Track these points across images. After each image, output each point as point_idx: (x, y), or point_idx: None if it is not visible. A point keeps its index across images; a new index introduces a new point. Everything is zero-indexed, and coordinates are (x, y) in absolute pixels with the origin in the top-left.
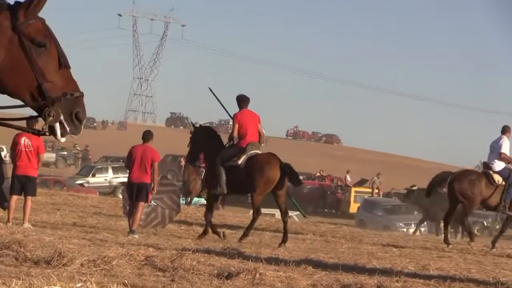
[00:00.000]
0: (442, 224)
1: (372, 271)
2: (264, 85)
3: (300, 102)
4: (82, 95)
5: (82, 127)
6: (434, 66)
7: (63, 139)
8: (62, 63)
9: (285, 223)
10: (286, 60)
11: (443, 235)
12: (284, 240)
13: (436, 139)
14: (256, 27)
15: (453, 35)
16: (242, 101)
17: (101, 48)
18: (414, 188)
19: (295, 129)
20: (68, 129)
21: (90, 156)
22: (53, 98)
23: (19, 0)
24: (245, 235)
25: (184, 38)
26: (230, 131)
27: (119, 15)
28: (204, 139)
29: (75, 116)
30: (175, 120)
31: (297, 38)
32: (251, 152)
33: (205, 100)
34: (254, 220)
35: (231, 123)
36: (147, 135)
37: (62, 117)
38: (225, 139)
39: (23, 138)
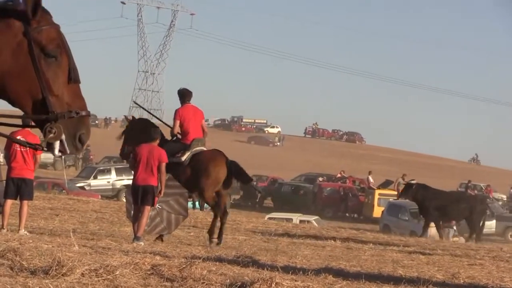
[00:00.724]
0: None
1: (397, 281)
2: (280, 78)
3: (320, 97)
4: (88, 114)
5: (84, 148)
6: (464, 61)
7: (59, 154)
8: (72, 78)
9: (222, 224)
10: (305, 52)
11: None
12: (219, 240)
13: (465, 137)
14: (273, 16)
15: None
16: (185, 95)
17: (103, 39)
18: (413, 182)
19: (314, 126)
20: (67, 150)
21: (91, 157)
22: (57, 114)
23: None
24: (211, 232)
25: (193, 27)
26: (243, 129)
27: (122, 2)
28: (138, 132)
29: (79, 138)
30: None
31: (315, 30)
32: (196, 148)
33: (216, 95)
34: (216, 216)
35: (244, 120)
36: (154, 134)
37: (63, 136)
38: (239, 137)
39: (18, 137)
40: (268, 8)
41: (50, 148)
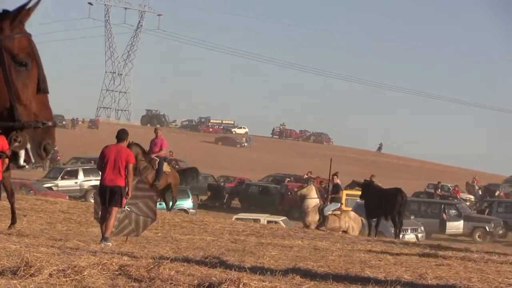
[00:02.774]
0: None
1: (365, 281)
2: (247, 78)
3: (287, 98)
4: (54, 125)
5: (48, 157)
6: (429, 60)
7: (23, 165)
8: (41, 88)
9: (11, 204)
10: (271, 52)
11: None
12: (12, 222)
13: (436, 137)
14: (239, 16)
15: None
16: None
17: (70, 40)
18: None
19: (281, 127)
20: (32, 159)
21: (59, 158)
22: (23, 123)
23: (7, 9)
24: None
25: (160, 28)
26: (211, 129)
27: (90, 3)
28: None
29: (44, 148)
30: (151, 118)
31: (282, 30)
32: None
33: (183, 96)
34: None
35: (212, 121)
36: (122, 134)
37: (28, 145)
38: (206, 138)
39: None
40: (235, 8)
41: (14, 157)
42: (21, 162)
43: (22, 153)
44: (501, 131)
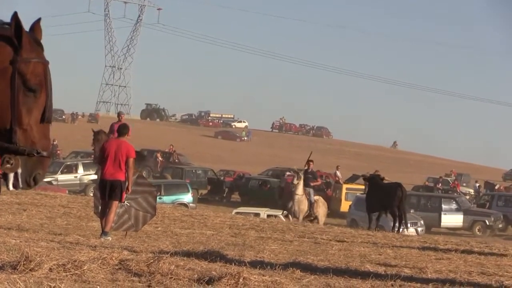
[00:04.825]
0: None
1: (365, 275)
2: (247, 73)
3: (287, 91)
4: (49, 156)
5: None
6: (430, 55)
7: (12, 189)
8: (45, 118)
9: None
10: (271, 46)
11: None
12: None
13: (436, 131)
14: (240, 10)
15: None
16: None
17: (69, 34)
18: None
19: (281, 121)
20: (21, 185)
21: (58, 152)
22: (18, 147)
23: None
24: None
25: (160, 22)
26: (211, 124)
27: None
28: None
29: (34, 177)
30: (151, 112)
31: (281, 24)
32: None
33: (183, 90)
34: None
35: (212, 115)
36: (122, 129)
37: (19, 170)
38: (206, 132)
39: None
40: (234, 2)
41: (4, 178)
42: (10, 186)
43: (11, 177)
44: (501, 125)
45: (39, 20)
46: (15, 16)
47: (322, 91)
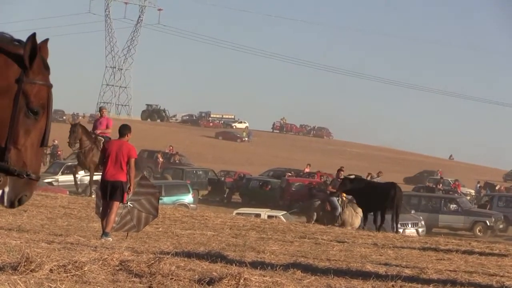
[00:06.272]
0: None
1: (366, 276)
2: (247, 74)
3: (288, 92)
4: (37, 179)
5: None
6: (430, 54)
7: None
8: (44, 142)
9: None
10: (272, 47)
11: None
12: None
13: (436, 131)
14: (238, 11)
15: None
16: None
17: (70, 35)
18: (351, 176)
19: (282, 121)
20: (5, 203)
21: (59, 153)
22: (9, 166)
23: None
24: None
25: (161, 23)
26: (211, 124)
27: None
28: None
29: (19, 199)
30: (151, 113)
31: (282, 24)
32: None
33: (184, 91)
34: None
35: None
36: (124, 130)
37: (7, 189)
38: (207, 132)
39: None
40: (235, 2)
41: None
42: None
43: None
44: (502, 125)
45: (46, 40)
46: (32, 37)
47: (322, 91)
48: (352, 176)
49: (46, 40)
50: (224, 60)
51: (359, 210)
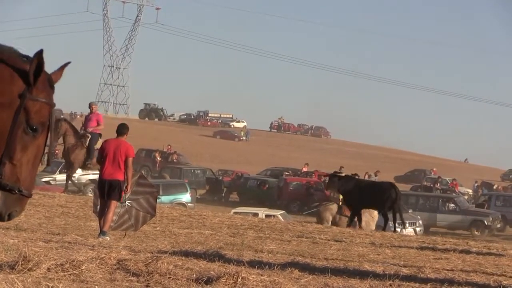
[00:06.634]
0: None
1: (363, 275)
2: (246, 72)
3: (286, 91)
4: (29, 196)
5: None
6: (428, 54)
7: None
8: (40, 160)
9: None
10: (269, 46)
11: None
12: None
13: (436, 131)
14: (236, 10)
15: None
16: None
17: (68, 33)
18: (339, 174)
19: (279, 121)
20: None
21: (57, 151)
22: (1, 181)
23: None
24: None
25: (158, 22)
26: (209, 123)
27: None
28: None
29: (9, 214)
30: (149, 112)
31: (281, 24)
32: None
33: (182, 90)
34: None
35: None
36: (122, 129)
37: None
38: (205, 131)
39: None
40: (233, 1)
41: None
42: None
43: None
44: (500, 125)
45: (67, 64)
46: (39, 54)
47: (321, 91)
48: (340, 174)
49: (67, 64)
50: (222, 59)
51: (375, 214)
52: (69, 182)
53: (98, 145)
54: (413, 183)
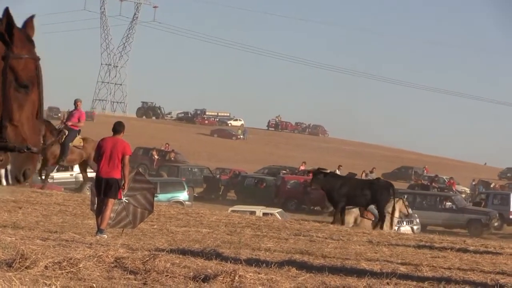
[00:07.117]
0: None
1: (361, 273)
2: (243, 71)
3: (283, 90)
4: (38, 152)
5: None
6: (427, 53)
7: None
8: (39, 114)
9: None
10: (268, 45)
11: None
12: None
13: (434, 130)
14: (233, 8)
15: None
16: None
17: (65, 32)
18: (327, 171)
19: (277, 119)
20: (10, 181)
21: None
22: (8, 144)
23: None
24: None
25: (156, 20)
26: (206, 122)
27: None
28: None
29: (23, 173)
30: (146, 110)
31: (277, 22)
32: None
33: (179, 88)
34: None
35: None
36: (118, 127)
37: (9, 166)
38: (202, 130)
39: None
40: (231, 0)
41: None
42: (4, 181)
43: (2, 172)
44: (498, 124)
45: (32, 17)
46: (6, 11)
47: (318, 89)
48: (328, 170)
49: (31, 17)
50: (220, 57)
51: (396, 214)
52: (43, 177)
53: (76, 142)
54: (399, 180)
